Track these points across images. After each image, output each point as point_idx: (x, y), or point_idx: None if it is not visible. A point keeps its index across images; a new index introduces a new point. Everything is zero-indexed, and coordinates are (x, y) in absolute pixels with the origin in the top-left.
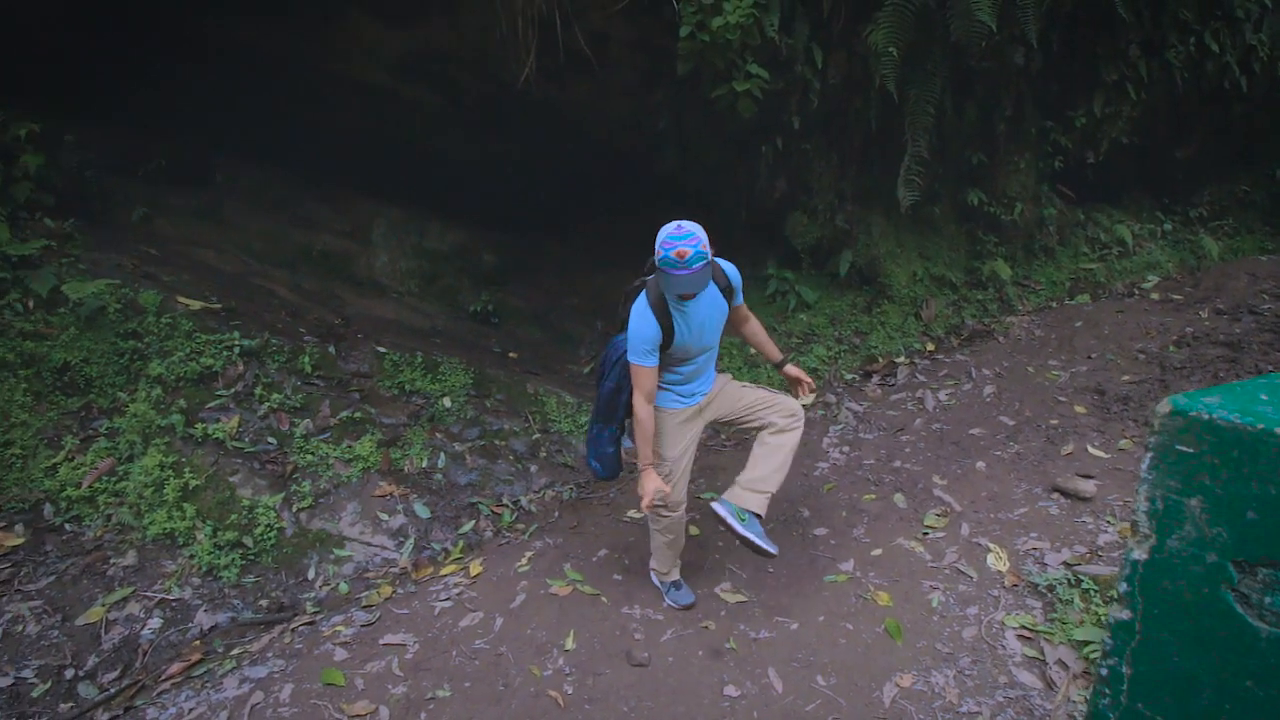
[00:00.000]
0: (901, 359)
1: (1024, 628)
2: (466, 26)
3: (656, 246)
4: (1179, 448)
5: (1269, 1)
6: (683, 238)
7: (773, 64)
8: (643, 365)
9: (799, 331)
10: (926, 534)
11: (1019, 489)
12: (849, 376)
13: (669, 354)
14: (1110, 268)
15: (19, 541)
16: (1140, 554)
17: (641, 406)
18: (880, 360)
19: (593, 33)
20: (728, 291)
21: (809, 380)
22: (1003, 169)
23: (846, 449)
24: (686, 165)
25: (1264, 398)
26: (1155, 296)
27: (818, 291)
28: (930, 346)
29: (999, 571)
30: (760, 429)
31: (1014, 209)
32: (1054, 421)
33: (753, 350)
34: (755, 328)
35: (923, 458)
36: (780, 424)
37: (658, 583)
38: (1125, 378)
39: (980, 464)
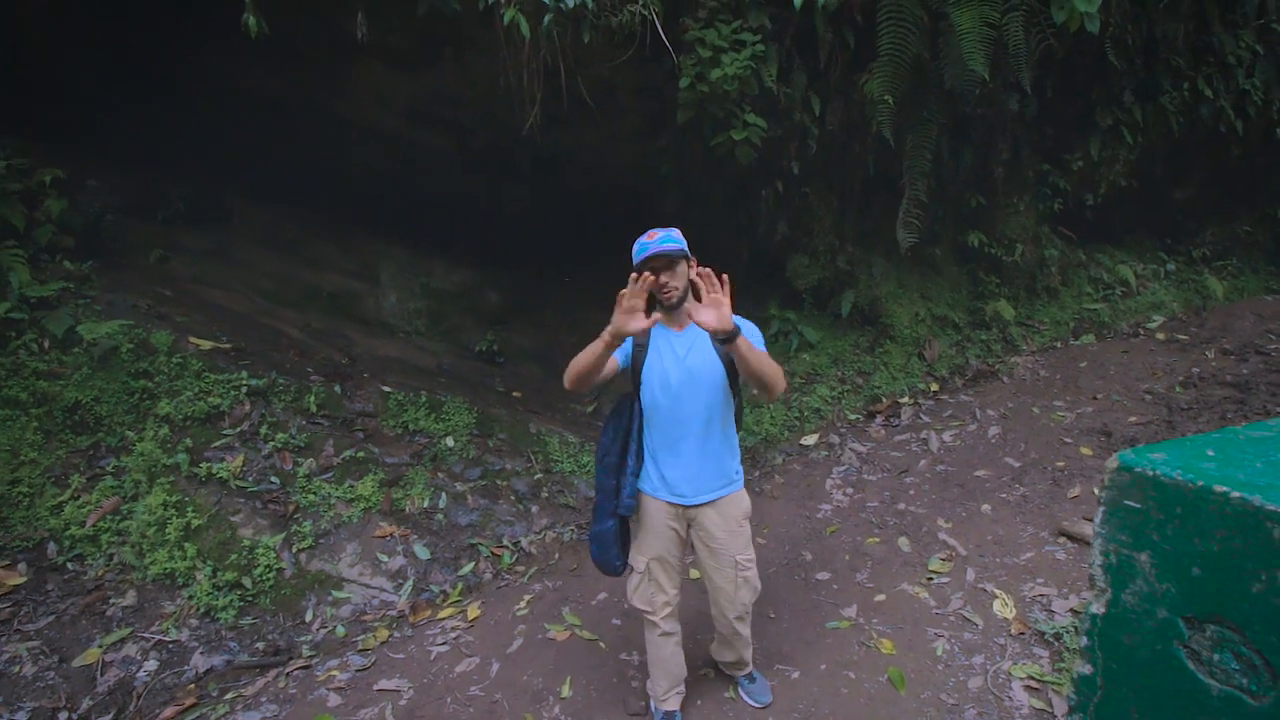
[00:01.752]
0: (905, 399)
1: (1031, 678)
2: (475, 74)
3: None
4: (1127, 503)
5: (1260, 48)
6: (657, 230)
7: (771, 112)
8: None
9: (802, 371)
10: (931, 579)
11: (1025, 533)
12: (852, 416)
13: (642, 385)
14: (1114, 308)
15: (21, 580)
16: (1098, 608)
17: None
18: (884, 400)
19: (598, 80)
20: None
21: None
22: (1002, 211)
23: (850, 490)
24: (689, 208)
25: (1210, 454)
26: (1161, 337)
27: (820, 332)
28: (934, 387)
29: (1005, 619)
30: (711, 591)
31: (1014, 250)
32: (1060, 463)
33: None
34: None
35: (927, 500)
36: (724, 635)
37: (652, 707)
38: (1132, 419)
39: (985, 507)
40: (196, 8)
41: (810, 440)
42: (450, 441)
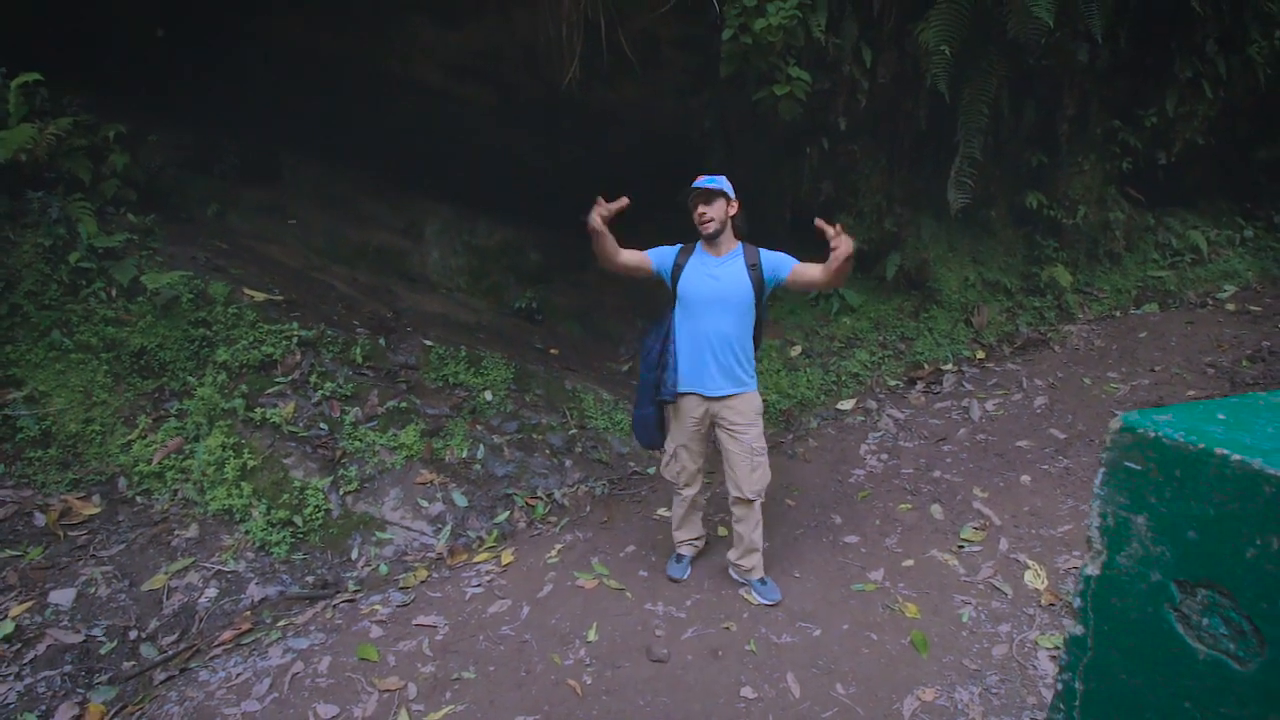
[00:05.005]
0: (949, 366)
1: (1058, 648)
2: (519, 28)
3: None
4: (1128, 464)
5: None
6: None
7: (819, 64)
8: (644, 251)
9: (841, 335)
10: (962, 547)
11: (1065, 505)
12: (892, 383)
13: (679, 294)
14: (1182, 276)
15: (96, 511)
16: (1093, 569)
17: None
18: (926, 367)
19: (641, 33)
20: (755, 272)
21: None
22: (1064, 171)
23: (884, 456)
24: (732, 165)
25: (1221, 417)
26: (1231, 307)
27: (863, 295)
28: (980, 354)
29: (1036, 589)
30: (729, 473)
31: (1076, 212)
32: None
33: (797, 352)
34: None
35: (964, 469)
36: (738, 513)
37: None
38: (1191, 393)
39: (1025, 478)
40: None
41: (847, 405)
42: (489, 395)
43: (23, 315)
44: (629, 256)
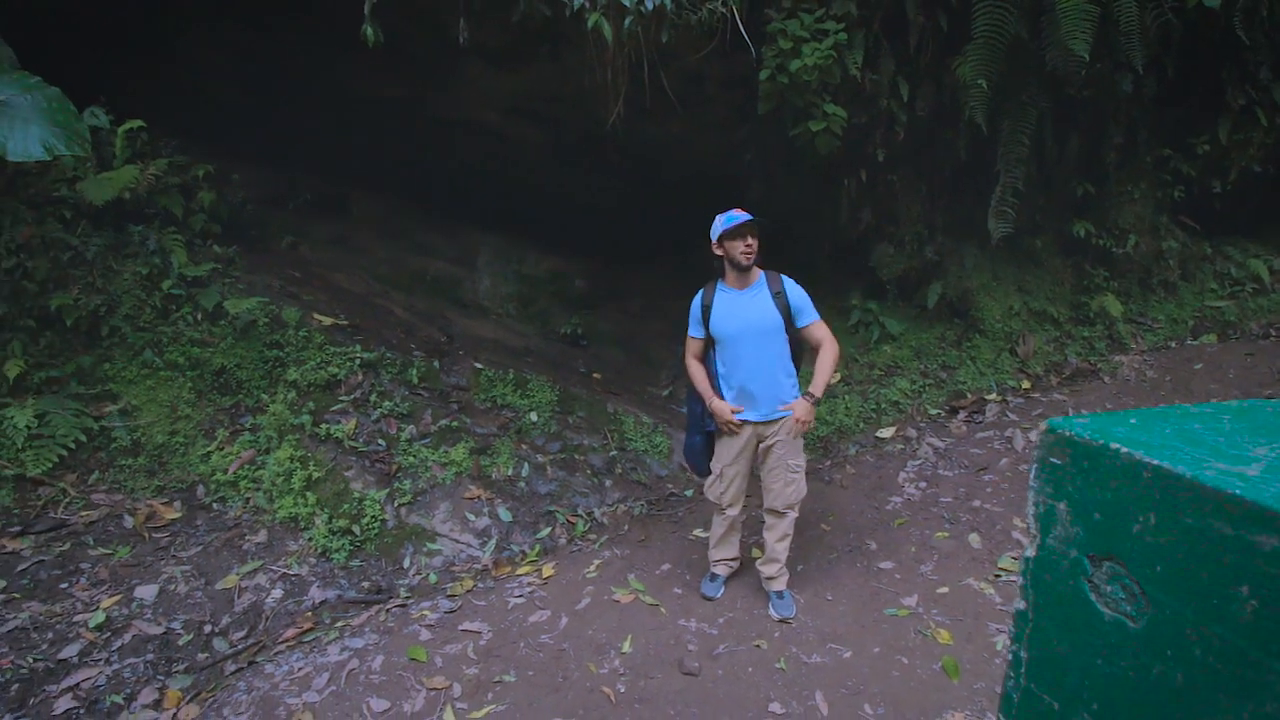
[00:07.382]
0: (992, 396)
1: None
2: (570, 69)
3: (715, 227)
4: (1052, 460)
5: None
6: (733, 209)
7: (856, 99)
8: (689, 335)
9: (881, 363)
10: (999, 576)
11: None
12: (933, 411)
13: (713, 334)
14: (1243, 306)
15: (177, 516)
16: (1030, 552)
17: (690, 363)
18: (968, 396)
19: (686, 72)
20: (780, 299)
21: (801, 418)
22: (1114, 200)
23: (923, 485)
24: (772, 197)
25: (1132, 422)
26: None
27: (904, 323)
28: (1026, 384)
29: None
30: (766, 487)
31: (1127, 241)
32: None
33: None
34: (821, 356)
35: (1005, 499)
36: (768, 521)
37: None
38: None
39: None
40: (318, 20)
41: (886, 433)
42: (534, 416)
43: (120, 336)
44: (699, 357)
